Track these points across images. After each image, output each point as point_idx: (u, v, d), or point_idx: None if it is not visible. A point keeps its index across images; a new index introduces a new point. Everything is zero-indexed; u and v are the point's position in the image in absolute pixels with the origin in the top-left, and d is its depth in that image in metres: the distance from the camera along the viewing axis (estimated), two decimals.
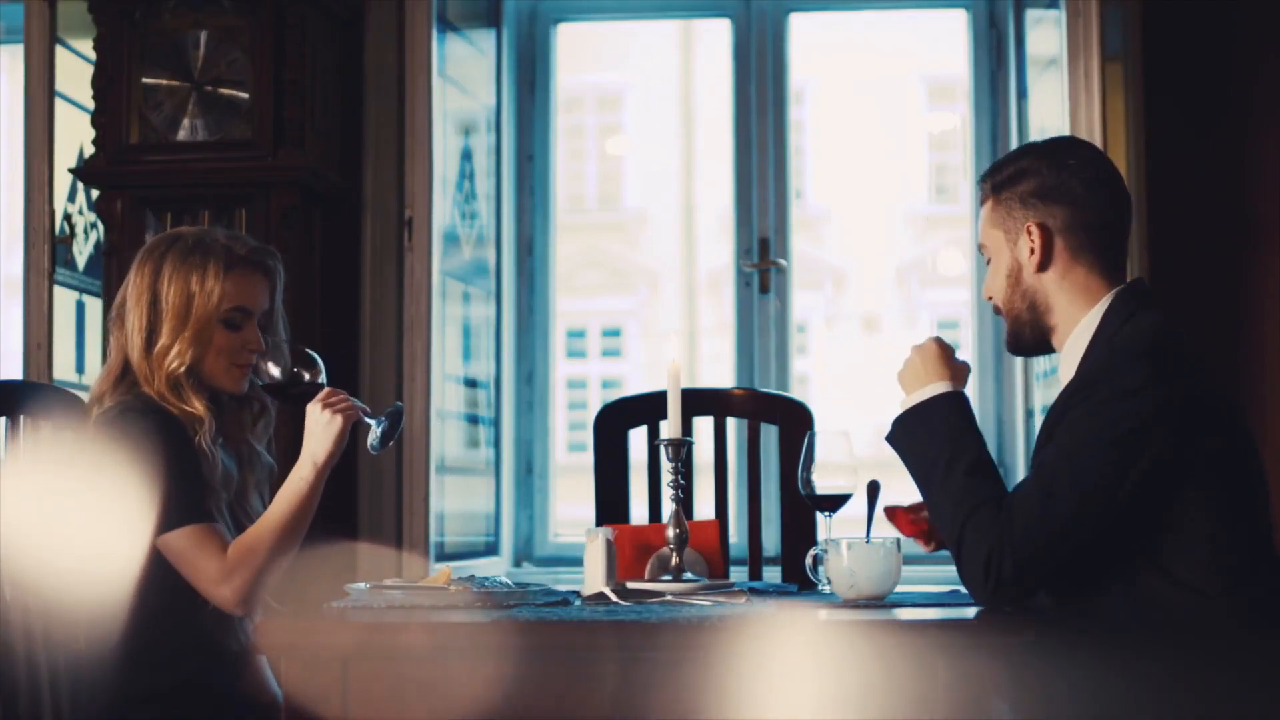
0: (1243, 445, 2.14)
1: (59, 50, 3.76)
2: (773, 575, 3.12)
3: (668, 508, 2.37)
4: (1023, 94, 4.01)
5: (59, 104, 3.76)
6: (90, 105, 3.63)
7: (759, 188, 4.18)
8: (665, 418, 2.43)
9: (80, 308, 3.82)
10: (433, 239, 3.78)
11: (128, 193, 3.57)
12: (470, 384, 4.03)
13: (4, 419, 2.44)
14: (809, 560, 2.41)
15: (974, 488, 2.10)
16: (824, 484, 2.38)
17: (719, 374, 7.95)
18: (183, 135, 3.59)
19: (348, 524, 3.69)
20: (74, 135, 3.79)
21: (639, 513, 2.94)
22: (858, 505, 2.44)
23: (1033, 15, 3.93)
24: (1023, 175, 2.24)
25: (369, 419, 2.40)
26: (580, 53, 4.65)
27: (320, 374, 2.43)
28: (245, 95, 3.56)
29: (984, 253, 2.32)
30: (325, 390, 2.40)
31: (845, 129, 10.09)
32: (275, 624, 2.00)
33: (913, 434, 2.22)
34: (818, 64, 8.95)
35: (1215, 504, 2.07)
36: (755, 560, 2.94)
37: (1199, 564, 2.06)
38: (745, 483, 3.03)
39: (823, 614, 2.02)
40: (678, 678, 1.93)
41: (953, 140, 10.32)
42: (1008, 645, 1.93)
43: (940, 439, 2.18)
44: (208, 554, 2.33)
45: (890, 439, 2.26)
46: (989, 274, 2.31)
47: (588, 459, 2.92)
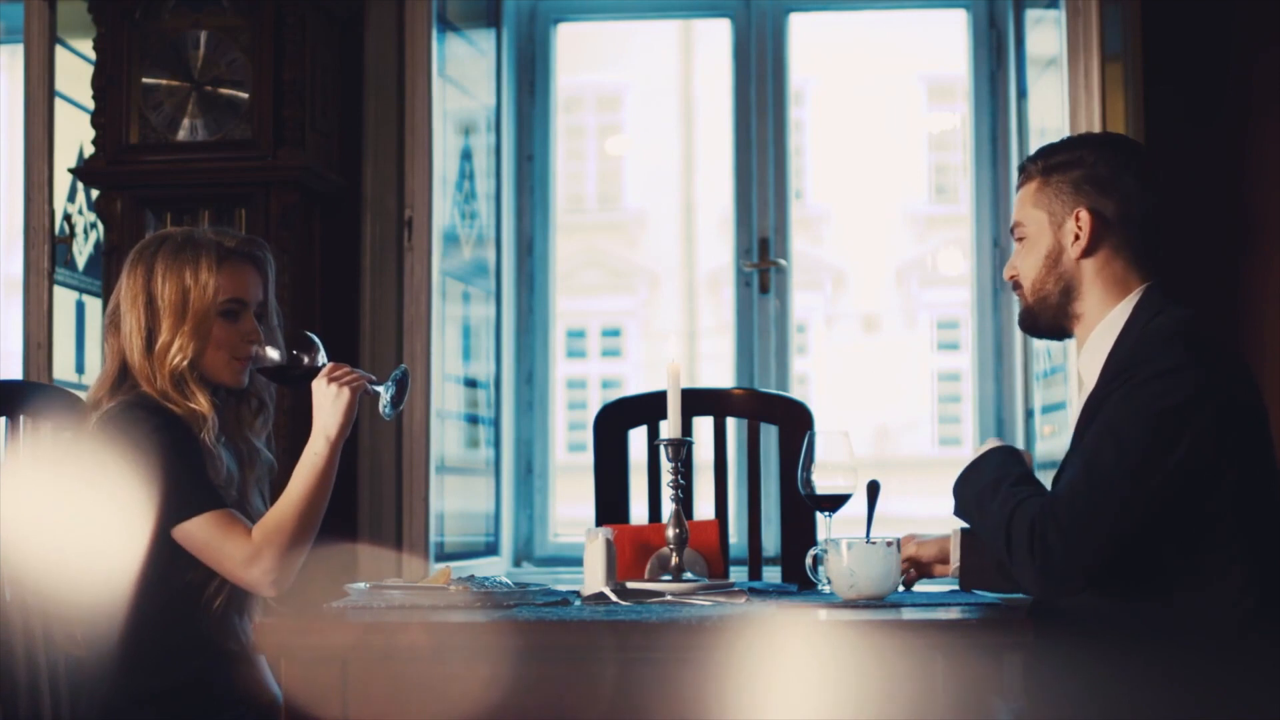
0: (1269, 444, 2.15)
1: (59, 50, 3.77)
2: (773, 575, 3.12)
3: (668, 508, 2.37)
4: (1023, 94, 4.01)
5: (59, 104, 3.76)
6: (90, 105, 3.63)
7: (759, 188, 4.18)
8: (665, 418, 2.43)
9: (80, 308, 3.82)
10: (433, 239, 3.78)
11: (128, 193, 3.57)
12: (470, 384, 4.03)
13: (4, 419, 2.44)
14: (809, 560, 2.40)
15: (1021, 491, 2.14)
16: (824, 484, 2.38)
17: (719, 374, 7.94)
18: (183, 135, 3.59)
19: (348, 524, 3.69)
20: (74, 135, 3.79)
21: (639, 513, 2.94)
22: (858, 505, 2.44)
23: (1032, 15, 3.93)
24: (1078, 163, 2.27)
25: (376, 386, 2.42)
26: (580, 53, 4.65)
27: (320, 354, 2.44)
28: (245, 95, 3.57)
29: (1017, 231, 2.33)
30: (329, 365, 2.41)
31: (845, 129, 10.09)
32: (275, 624, 2.00)
33: (966, 479, 2.26)
34: (818, 64, 8.95)
35: (1244, 500, 2.08)
36: (755, 560, 2.94)
37: (1223, 563, 2.06)
38: (745, 483, 3.03)
39: (823, 614, 2.02)
40: (677, 678, 1.93)
41: (953, 140, 10.32)
42: (1008, 645, 1.93)
43: (991, 471, 2.21)
44: (232, 538, 2.33)
45: (956, 498, 2.28)
46: (1019, 253, 2.33)
47: (588, 459, 2.92)
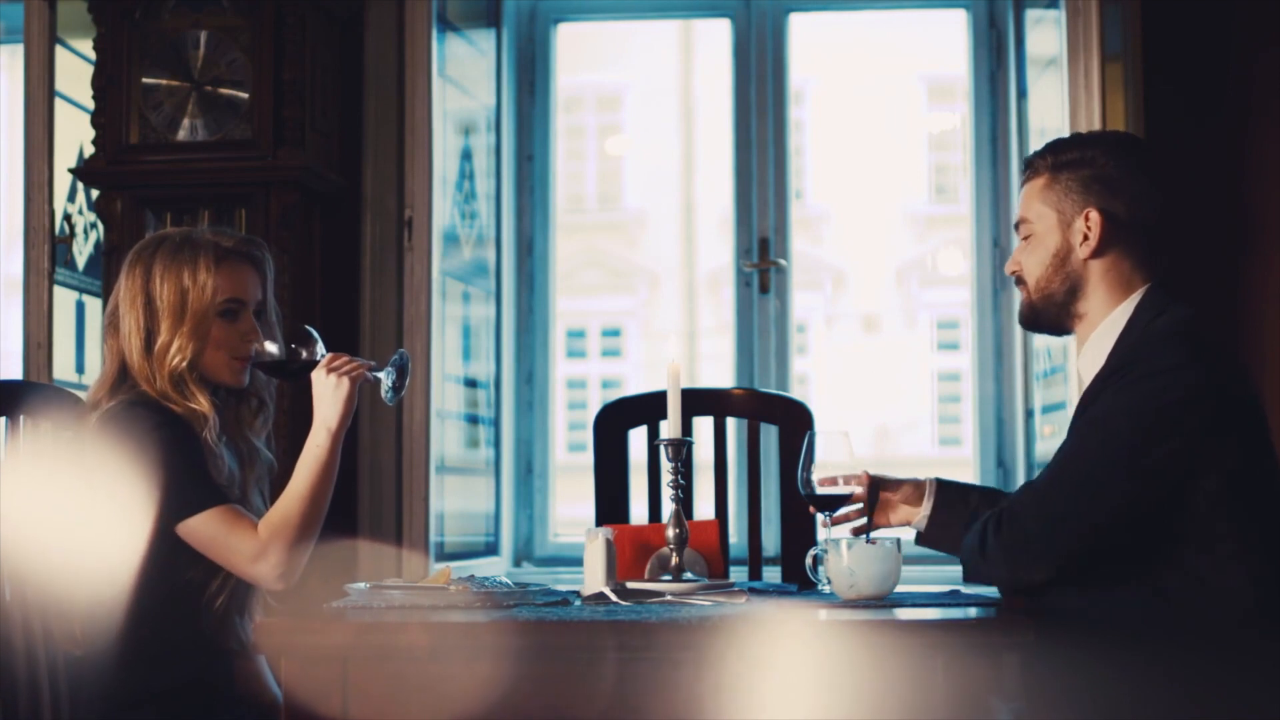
0: (1267, 443, 2.15)
1: (59, 50, 3.76)
2: (773, 575, 3.12)
3: (668, 508, 2.36)
4: (1023, 94, 4.01)
5: (59, 104, 3.76)
6: (90, 105, 3.63)
7: (759, 188, 4.18)
8: (665, 418, 2.43)
9: (80, 308, 3.82)
10: (433, 239, 3.78)
11: (128, 193, 3.57)
12: (470, 384, 4.03)
13: (4, 419, 2.44)
14: (809, 560, 2.40)
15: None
16: (824, 485, 2.38)
17: (719, 374, 7.95)
18: (183, 135, 3.59)
19: (348, 524, 3.69)
20: (74, 135, 3.78)
21: (639, 513, 2.94)
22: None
23: (1032, 15, 3.93)
24: (1089, 162, 2.26)
25: (376, 373, 2.41)
26: (580, 53, 4.65)
27: (318, 347, 2.44)
28: (245, 95, 3.56)
29: (1022, 228, 2.32)
30: (328, 356, 2.41)
31: (845, 129, 10.09)
32: (275, 624, 2.00)
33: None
34: (818, 64, 8.96)
35: (1239, 498, 2.08)
36: (755, 560, 2.94)
37: (1221, 561, 2.06)
38: (745, 483, 3.03)
39: (823, 614, 2.02)
40: (677, 677, 1.93)
41: (953, 140, 10.32)
42: (1008, 645, 1.93)
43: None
44: (239, 533, 2.33)
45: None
46: (1024, 249, 2.32)
47: (588, 459, 2.92)
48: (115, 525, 2.33)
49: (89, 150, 3.65)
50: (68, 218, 3.79)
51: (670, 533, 2.35)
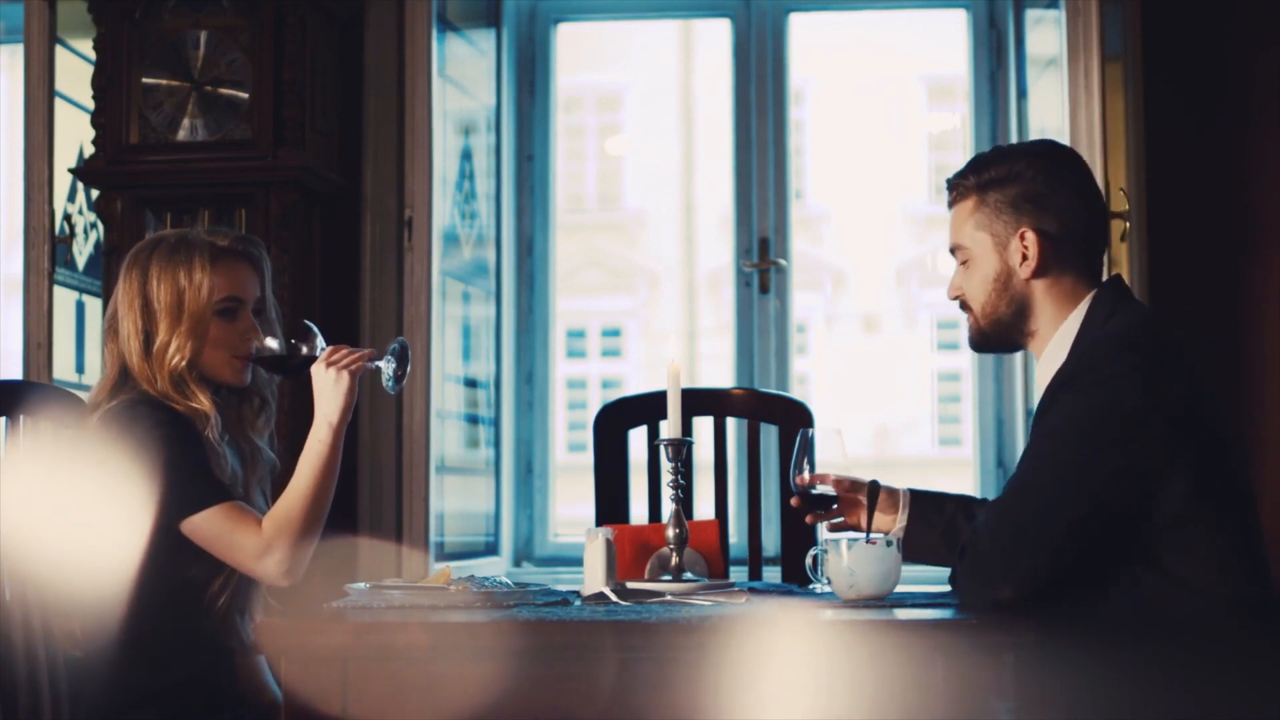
0: (1228, 439, 2.14)
1: (59, 50, 3.76)
2: (773, 575, 3.12)
3: (668, 508, 2.36)
4: (1023, 94, 4.01)
5: (59, 104, 3.76)
6: (90, 105, 3.63)
7: (759, 188, 4.18)
8: (665, 418, 2.43)
9: (80, 308, 3.82)
10: (433, 239, 3.78)
11: (128, 193, 3.57)
12: (470, 384, 4.03)
13: (4, 419, 2.44)
14: (809, 560, 2.40)
15: None
16: (817, 485, 2.37)
17: (719, 374, 7.95)
18: (183, 135, 3.59)
19: (348, 524, 3.69)
20: (74, 135, 3.78)
21: (639, 513, 2.94)
22: None
23: (1032, 15, 3.93)
24: (1014, 178, 2.23)
25: (375, 363, 2.41)
26: (580, 53, 4.65)
27: (318, 341, 2.44)
28: (245, 95, 3.57)
29: (958, 254, 2.30)
30: (327, 349, 2.41)
31: (845, 129, 10.09)
32: (275, 624, 2.00)
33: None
34: (818, 64, 8.96)
35: (1208, 500, 2.07)
36: (755, 560, 2.94)
37: (1197, 562, 2.06)
38: (745, 483, 3.03)
39: (823, 614, 2.02)
40: (677, 677, 1.93)
41: (953, 140, 10.31)
42: (1008, 645, 1.93)
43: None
44: (243, 530, 2.33)
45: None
46: (963, 274, 2.29)
47: (588, 459, 2.92)
48: (117, 523, 2.33)
49: (89, 150, 3.66)
50: (68, 218, 3.79)
51: (670, 533, 2.35)
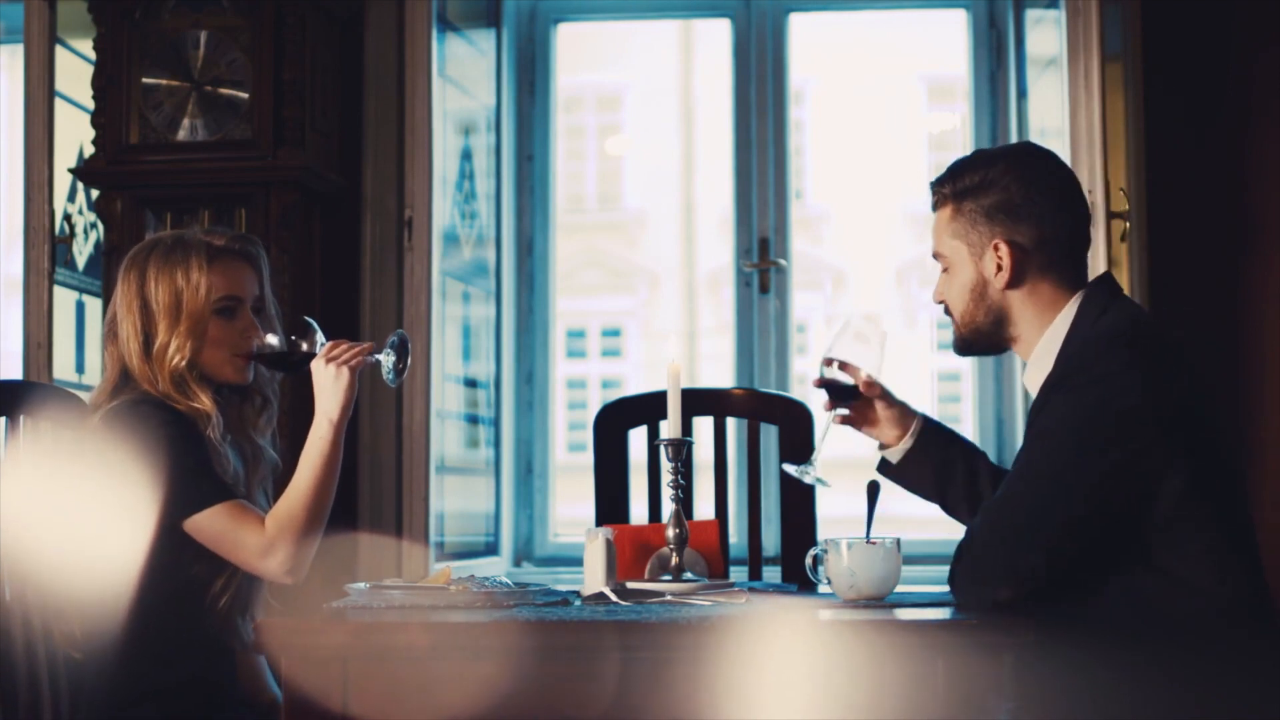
0: (1221, 437, 2.14)
1: (59, 50, 3.76)
2: (773, 575, 3.12)
3: (668, 508, 2.36)
4: (1023, 94, 4.01)
5: (59, 104, 3.75)
6: (90, 105, 3.63)
7: (759, 188, 4.18)
8: (665, 418, 2.43)
9: (80, 308, 3.82)
10: (433, 239, 3.78)
11: (128, 193, 3.57)
12: (470, 384, 4.03)
13: (4, 419, 2.44)
14: (809, 560, 2.40)
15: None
16: (840, 371, 2.36)
17: (719, 374, 7.95)
18: (183, 135, 3.59)
19: (348, 523, 3.68)
20: (74, 135, 3.78)
21: (639, 513, 2.94)
22: (857, 506, 2.43)
23: (1032, 15, 3.93)
24: (988, 187, 2.20)
25: (375, 357, 2.41)
26: (580, 53, 4.66)
27: (318, 337, 2.43)
28: (245, 95, 3.56)
29: (940, 260, 2.28)
30: (327, 345, 2.41)
31: (845, 129, 10.10)
32: (275, 624, 2.00)
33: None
34: (818, 64, 8.96)
35: (1205, 499, 2.06)
36: (755, 560, 2.94)
37: (1195, 562, 2.06)
38: (745, 483, 3.03)
39: (823, 614, 2.02)
40: (677, 677, 1.93)
41: (953, 140, 10.32)
42: (1008, 645, 1.93)
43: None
44: (247, 529, 2.33)
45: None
46: (945, 281, 2.28)
47: (588, 459, 2.92)
48: (119, 522, 2.33)
49: (89, 150, 3.65)
50: (68, 218, 3.79)
51: (670, 533, 2.35)
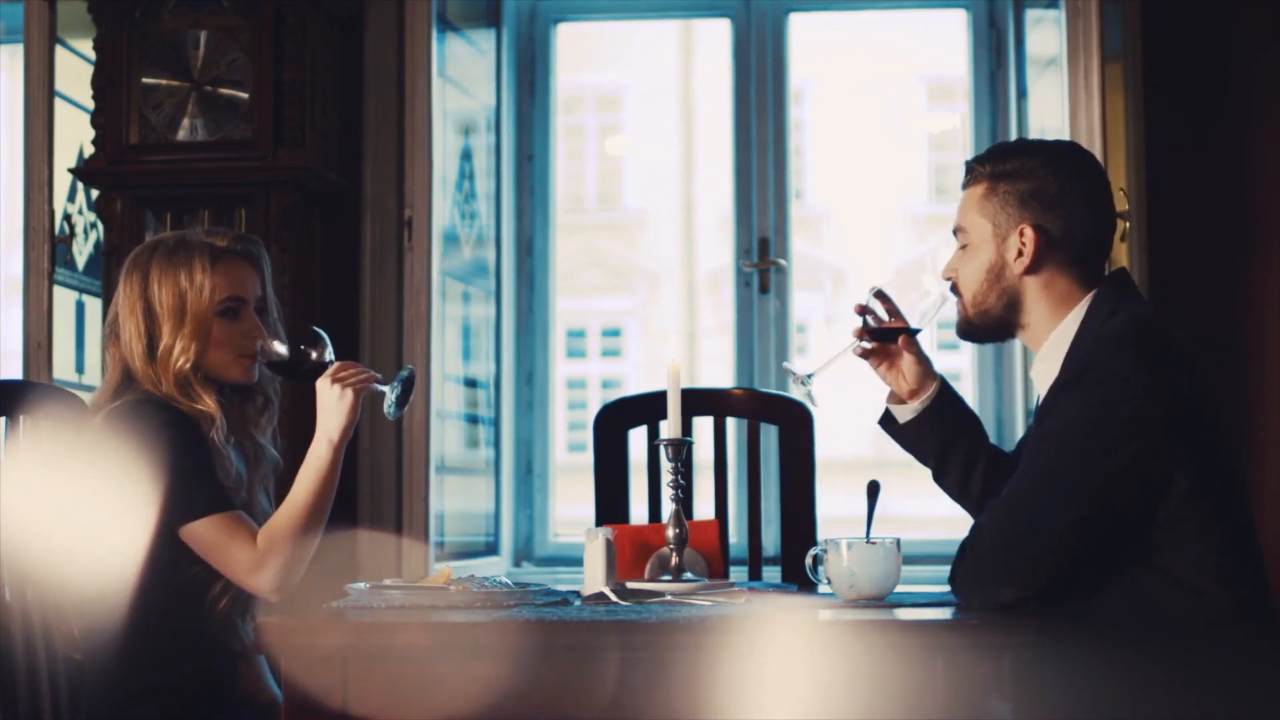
0: (1222, 437, 2.14)
1: (59, 50, 3.76)
2: (773, 575, 3.12)
3: (668, 508, 2.37)
4: (1022, 94, 4.01)
5: (59, 104, 3.75)
6: (90, 105, 3.63)
7: (759, 188, 4.18)
8: (665, 418, 2.43)
9: (80, 308, 3.82)
10: (432, 239, 3.78)
11: (128, 193, 3.57)
12: (470, 384, 4.03)
13: (4, 419, 2.44)
14: (809, 560, 2.40)
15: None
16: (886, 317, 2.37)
17: (719, 374, 7.95)
18: (182, 135, 3.59)
19: (348, 523, 3.68)
20: (74, 135, 3.78)
21: (639, 513, 2.94)
22: (857, 506, 2.43)
23: (1032, 15, 3.93)
24: (1028, 174, 2.22)
25: (381, 387, 2.41)
26: (580, 53, 4.65)
27: (327, 349, 2.43)
28: (245, 95, 3.56)
29: (959, 236, 2.29)
30: (335, 365, 2.40)
31: (845, 129, 10.10)
32: (275, 624, 2.00)
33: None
34: (818, 64, 8.96)
35: (1207, 500, 2.07)
36: (755, 560, 2.94)
37: (1196, 562, 2.06)
38: (745, 483, 3.03)
39: (823, 614, 2.02)
40: (677, 677, 1.93)
41: (953, 140, 10.32)
42: (1008, 645, 1.93)
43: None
44: (238, 543, 2.33)
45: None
46: (960, 258, 2.29)
47: (588, 459, 2.92)
48: (119, 522, 2.33)
49: (89, 150, 3.65)
50: (68, 218, 3.79)
51: (670, 533, 2.35)
